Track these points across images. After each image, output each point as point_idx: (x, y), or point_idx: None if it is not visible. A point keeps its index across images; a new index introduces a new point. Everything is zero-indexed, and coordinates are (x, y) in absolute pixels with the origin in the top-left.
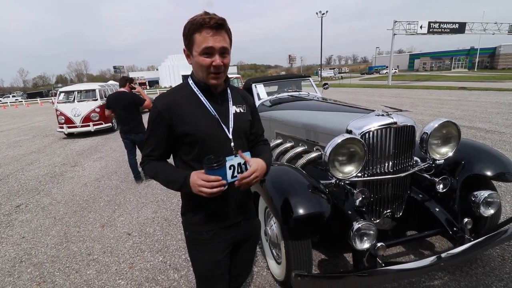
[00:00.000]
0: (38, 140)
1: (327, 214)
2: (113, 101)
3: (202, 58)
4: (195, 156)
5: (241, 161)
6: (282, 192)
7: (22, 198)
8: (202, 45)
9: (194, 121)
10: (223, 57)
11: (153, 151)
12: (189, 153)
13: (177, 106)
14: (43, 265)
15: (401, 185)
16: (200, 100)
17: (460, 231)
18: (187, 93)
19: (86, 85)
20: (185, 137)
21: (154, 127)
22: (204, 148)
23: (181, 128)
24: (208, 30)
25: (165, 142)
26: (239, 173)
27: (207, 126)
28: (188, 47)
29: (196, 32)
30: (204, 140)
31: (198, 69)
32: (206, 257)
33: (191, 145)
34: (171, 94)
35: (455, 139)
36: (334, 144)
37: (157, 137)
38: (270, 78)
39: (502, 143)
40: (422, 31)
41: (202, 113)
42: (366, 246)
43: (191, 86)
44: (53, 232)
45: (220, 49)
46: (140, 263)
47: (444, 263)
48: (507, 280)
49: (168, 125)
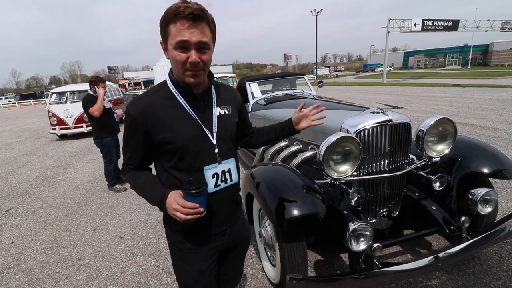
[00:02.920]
0: (31, 142)
1: (322, 215)
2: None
3: (177, 52)
4: (176, 164)
5: (225, 168)
6: (276, 193)
7: (12, 202)
8: (176, 37)
9: (173, 127)
10: (201, 52)
11: (130, 159)
12: (170, 160)
13: (153, 110)
14: (32, 271)
15: (397, 183)
16: (179, 102)
17: (457, 229)
18: (165, 94)
19: (78, 85)
20: (164, 145)
21: (129, 134)
22: (185, 155)
23: (158, 135)
24: (183, 21)
25: (143, 150)
26: (223, 181)
27: (188, 131)
28: (163, 39)
29: (171, 23)
30: (185, 147)
31: (174, 65)
32: (190, 267)
33: (171, 152)
34: (146, 97)
35: (451, 136)
36: (329, 143)
37: (133, 145)
38: (265, 76)
39: (496, 139)
40: (416, 28)
41: (181, 118)
42: (362, 247)
43: (169, 86)
44: (43, 237)
45: (197, 43)
46: (132, 267)
47: (442, 263)
48: (505, 279)
49: (144, 132)
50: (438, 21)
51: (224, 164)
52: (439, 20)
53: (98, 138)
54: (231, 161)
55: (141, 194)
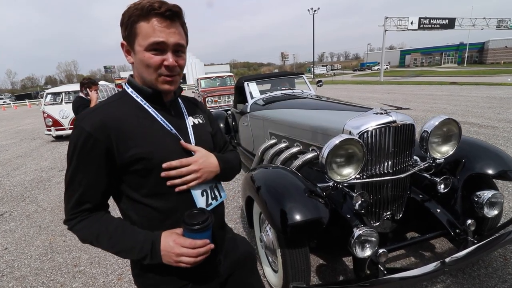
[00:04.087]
0: (26, 143)
1: (326, 219)
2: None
3: (149, 55)
4: (153, 188)
5: (212, 183)
6: (277, 197)
7: (6, 206)
8: (151, 38)
9: (145, 140)
10: (177, 56)
11: (83, 197)
12: (141, 186)
13: (116, 123)
14: (26, 279)
15: (401, 186)
16: (147, 112)
17: (463, 233)
18: (128, 104)
19: (73, 86)
20: (134, 164)
21: (81, 160)
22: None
23: (127, 153)
24: (159, 18)
25: (103, 178)
26: (213, 199)
27: (165, 145)
28: (128, 40)
29: (141, 20)
30: (163, 164)
31: (143, 69)
32: None
33: (144, 174)
34: (103, 109)
35: (456, 137)
36: (332, 146)
37: (90, 174)
38: (263, 76)
39: (495, 138)
40: (413, 27)
41: (153, 129)
42: (367, 254)
43: (131, 95)
44: (38, 242)
45: (175, 45)
46: (129, 274)
47: (448, 268)
48: (510, 282)
49: (105, 151)
50: (435, 19)
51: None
52: (436, 18)
53: None
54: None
55: (113, 247)
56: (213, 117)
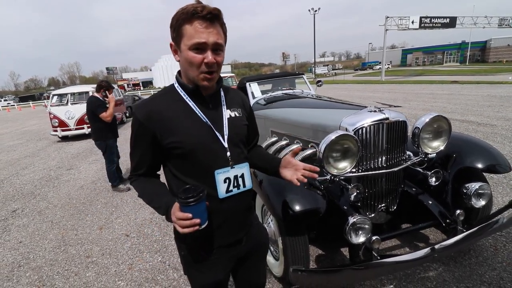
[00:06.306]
0: (32, 144)
1: (323, 209)
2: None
3: (192, 54)
4: (186, 169)
5: (238, 173)
6: (279, 189)
7: (18, 202)
8: (193, 39)
9: (182, 131)
10: (216, 54)
11: (138, 166)
12: (179, 165)
13: (160, 114)
14: (42, 269)
15: (394, 179)
16: (187, 105)
17: (453, 222)
18: (172, 98)
19: (79, 87)
20: (172, 149)
21: (136, 140)
22: (195, 160)
23: (166, 140)
24: (200, 21)
25: (151, 156)
26: (235, 187)
27: (197, 135)
28: (175, 40)
29: (186, 23)
30: (194, 152)
31: (187, 67)
32: (206, 276)
33: (180, 157)
34: (153, 101)
35: (446, 133)
36: (328, 141)
37: (141, 151)
38: (264, 76)
39: (493, 136)
40: (414, 26)
41: (190, 121)
42: (361, 240)
43: (177, 89)
44: (51, 236)
45: (214, 44)
46: (139, 263)
47: (438, 254)
48: (499, 270)
49: (151, 136)
50: (436, 18)
51: (237, 169)
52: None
53: (102, 139)
54: (244, 166)
55: (149, 203)
56: (252, 112)
